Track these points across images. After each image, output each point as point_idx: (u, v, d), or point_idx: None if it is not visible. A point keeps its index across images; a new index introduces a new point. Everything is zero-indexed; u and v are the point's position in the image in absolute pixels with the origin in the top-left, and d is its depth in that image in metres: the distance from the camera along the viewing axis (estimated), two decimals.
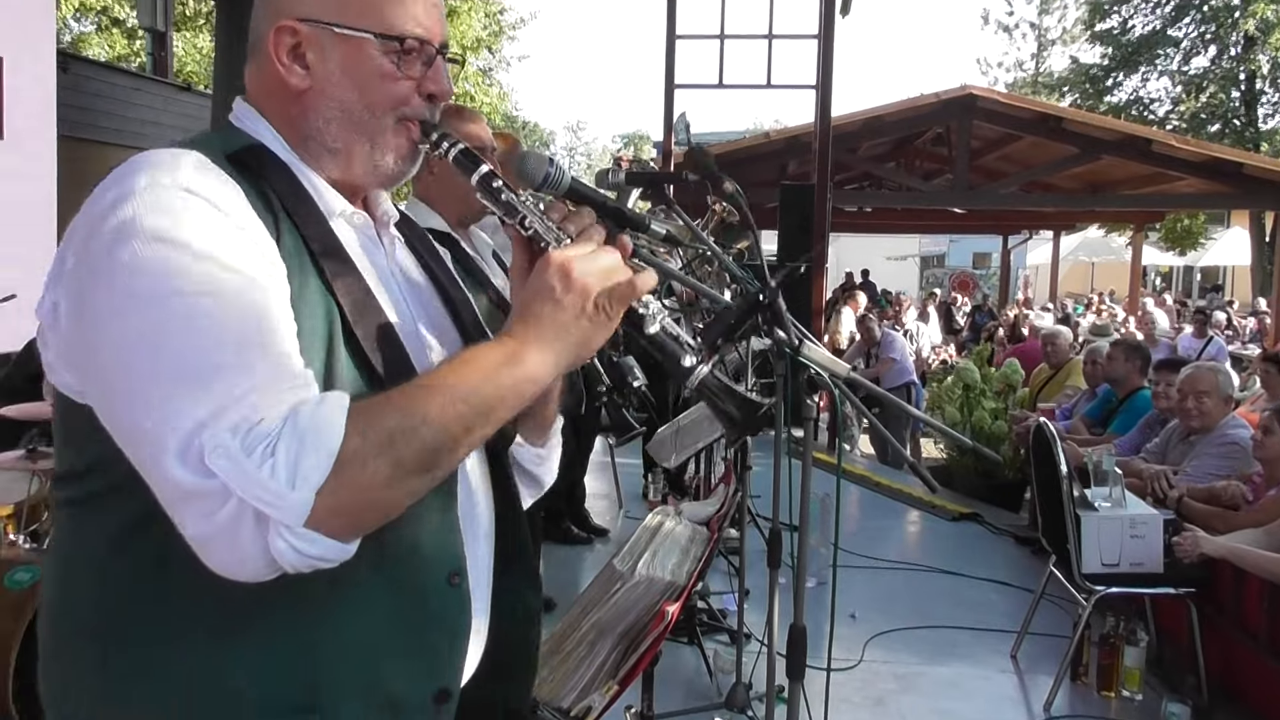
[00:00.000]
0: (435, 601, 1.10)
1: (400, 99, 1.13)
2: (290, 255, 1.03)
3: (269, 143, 1.13)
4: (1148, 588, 3.82)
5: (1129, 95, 26.22)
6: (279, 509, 0.88)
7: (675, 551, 1.97)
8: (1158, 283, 28.26)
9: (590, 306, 1.04)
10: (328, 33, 1.10)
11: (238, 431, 0.88)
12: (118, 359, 0.94)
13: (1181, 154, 11.67)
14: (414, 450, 0.93)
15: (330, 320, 1.04)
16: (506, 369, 1.00)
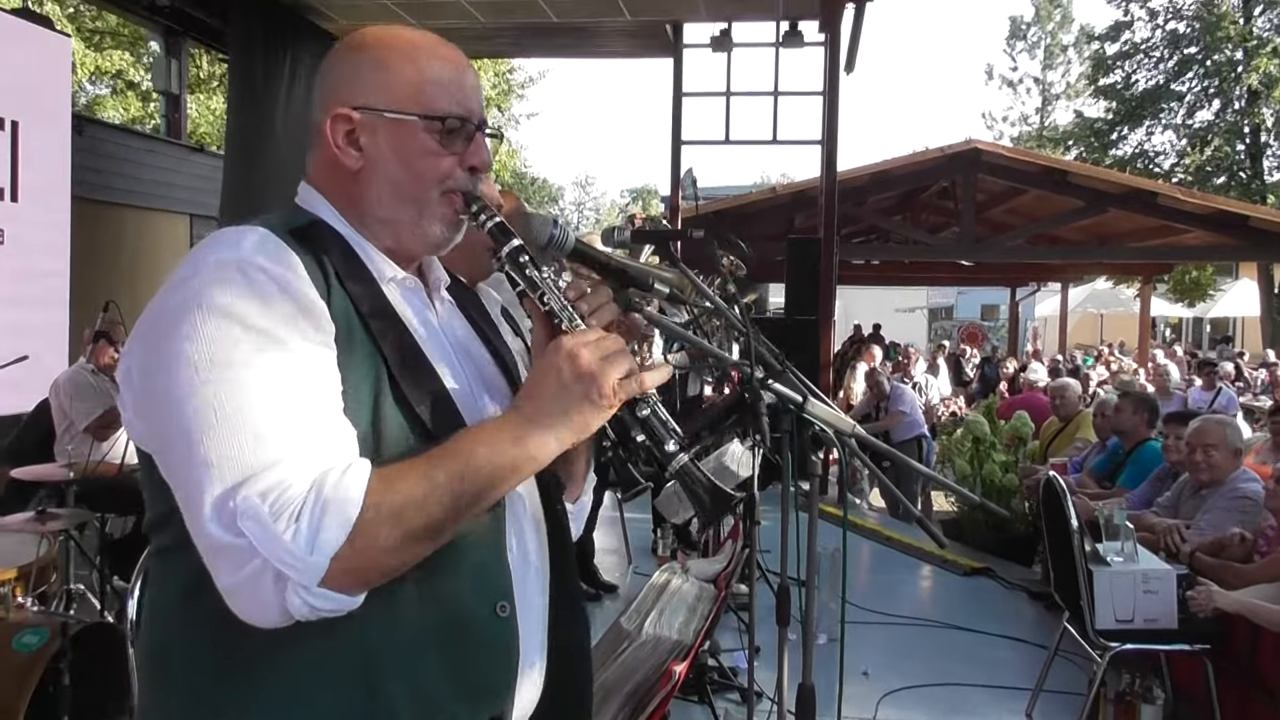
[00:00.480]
0: (483, 630, 1.17)
1: (445, 173, 1.24)
2: (340, 316, 1.12)
3: (328, 218, 1.24)
4: (1162, 644, 3.77)
5: (1134, 149, 26.44)
6: (297, 570, 0.98)
7: (682, 610, 1.96)
8: (1168, 334, 28.23)
9: (594, 394, 1.11)
10: (378, 117, 1.21)
11: (267, 497, 0.99)
12: (171, 421, 1.04)
13: (1187, 206, 11.75)
14: (420, 522, 1.04)
15: (377, 376, 1.14)
16: (510, 447, 1.09)
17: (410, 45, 1.25)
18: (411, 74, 1.22)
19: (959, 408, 12.33)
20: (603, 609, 5.45)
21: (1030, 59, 36.42)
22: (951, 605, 5.56)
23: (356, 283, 1.18)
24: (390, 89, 1.22)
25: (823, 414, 1.75)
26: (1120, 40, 26.41)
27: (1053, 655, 4.17)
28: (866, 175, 11.92)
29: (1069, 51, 35.53)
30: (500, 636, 1.19)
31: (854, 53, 9.00)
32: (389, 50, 1.24)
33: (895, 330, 23.34)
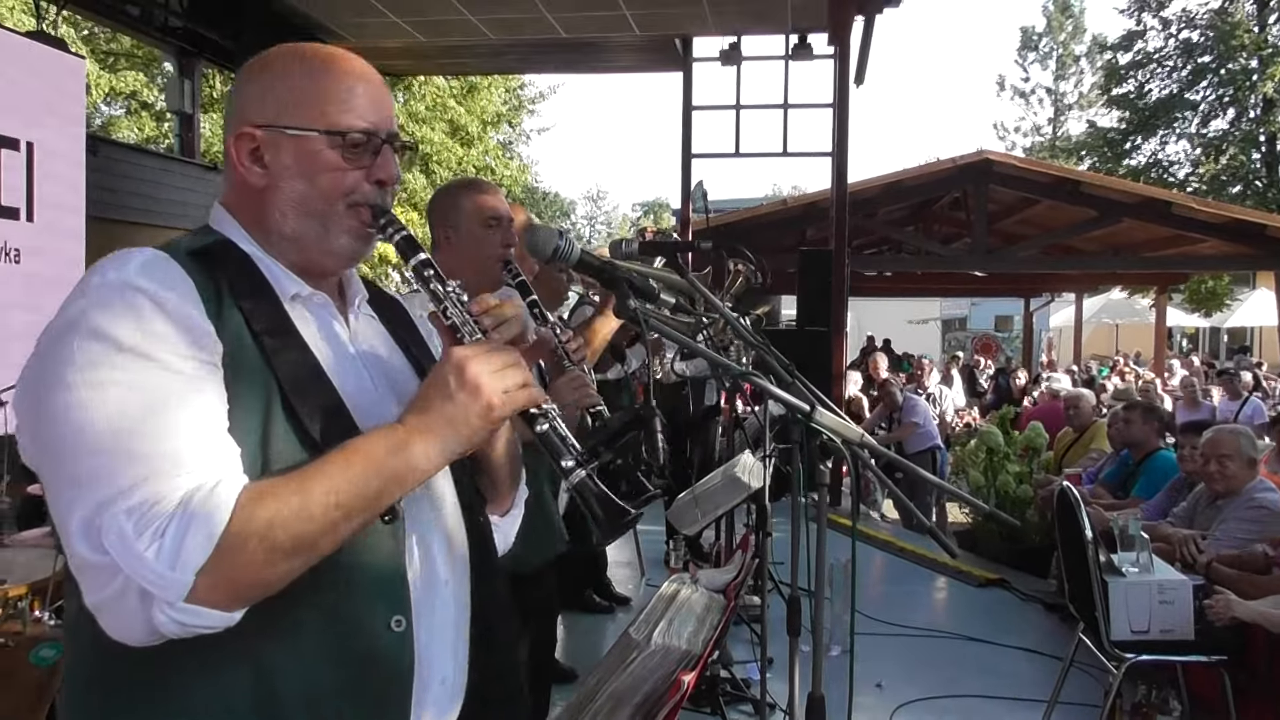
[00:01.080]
0: (378, 645, 1.16)
1: (349, 188, 1.25)
2: (230, 336, 1.14)
3: (235, 238, 1.26)
4: (1179, 655, 3.74)
5: (1148, 158, 26.36)
6: (159, 587, 0.99)
7: (691, 620, 1.95)
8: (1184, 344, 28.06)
9: (480, 406, 1.11)
10: (281, 134, 1.23)
11: (133, 514, 1.00)
12: (46, 439, 1.06)
13: (1202, 216, 11.69)
14: (290, 537, 1.03)
15: (268, 394, 1.14)
16: (391, 459, 1.09)
17: (313, 61, 1.26)
18: (313, 90, 1.23)
19: (973, 419, 12.29)
20: (615, 622, 5.45)
21: (1042, 69, 36.38)
22: (966, 616, 5.53)
23: (254, 301, 1.19)
24: (292, 106, 1.23)
25: (831, 423, 1.75)
26: (1133, 50, 26.39)
27: (1067, 666, 4.13)
28: (878, 187, 11.91)
29: (1081, 61, 35.45)
30: (395, 651, 1.18)
31: (864, 65, 9.02)
32: (291, 67, 1.25)
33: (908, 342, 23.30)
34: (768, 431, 3.55)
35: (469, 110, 16.47)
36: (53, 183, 6.67)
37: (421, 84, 15.75)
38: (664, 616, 1.93)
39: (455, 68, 12.56)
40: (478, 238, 2.52)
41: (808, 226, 12.64)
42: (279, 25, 8.34)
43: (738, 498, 3.83)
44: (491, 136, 17.81)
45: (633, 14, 8.08)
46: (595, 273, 1.66)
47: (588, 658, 4.84)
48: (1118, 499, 5.48)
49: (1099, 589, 3.68)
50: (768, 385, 1.77)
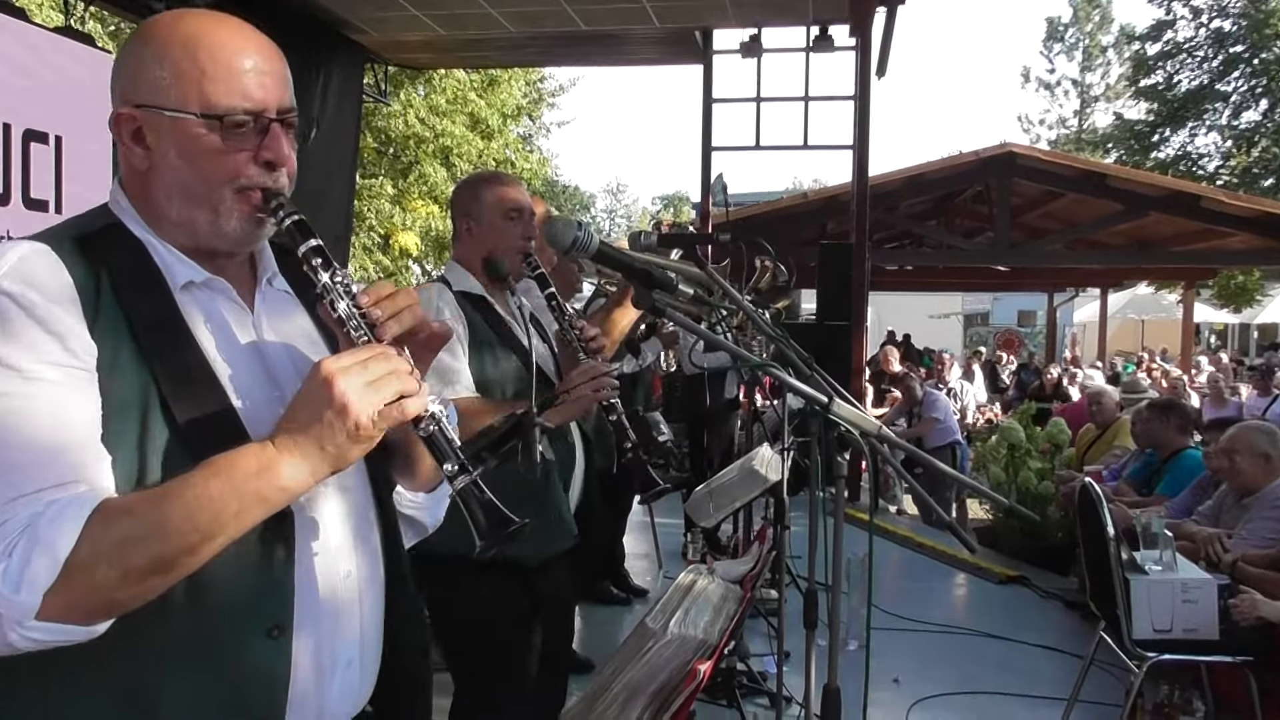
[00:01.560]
0: (254, 653, 1.14)
1: (233, 171, 1.19)
2: (107, 335, 1.10)
3: (127, 221, 1.21)
4: (1203, 655, 3.70)
5: (1176, 151, 26.03)
6: (5, 608, 0.98)
7: (707, 610, 1.95)
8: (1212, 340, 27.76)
9: (348, 426, 1.06)
10: (159, 115, 1.17)
11: None
12: None
13: (1231, 209, 11.54)
14: (146, 558, 1.01)
15: (145, 394, 1.10)
16: (254, 480, 1.05)
17: (194, 36, 1.18)
18: (190, 68, 1.16)
19: (995, 414, 12.21)
20: (633, 613, 5.45)
21: (1068, 61, 36.04)
22: (985, 613, 5.48)
23: (139, 294, 1.15)
24: (170, 85, 1.16)
25: (849, 415, 1.74)
26: (1162, 40, 26.03)
27: (1088, 665, 4.10)
28: (900, 180, 11.84)
29: (1108, 53, 35.10)
30: (270, 659, 1.16)
31: (885, 56, 8.94)
32: (170, 42, 1.18)
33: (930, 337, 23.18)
34: (786, 425, 3.54)
35: (489, 103, 16.47)
36: (81, 176, 6.74)
37: (442, 77, 15.75)
38: (680, 606, 1.93)
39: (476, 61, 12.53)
40: (499, 229, 2.52)
41: (828, 220, 12.59)
42: (301, 21, 8.36)
43: (755, 491, 3.82)
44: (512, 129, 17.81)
45: (653, 6, 8.05)
46: (614, 264, 1.66)
47: (605, 648, 4.83)
48: (1142, 497, 5.42)
49: (1121, 587, 3.64)
50: (786, 377, 1.76)
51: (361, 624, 1.27)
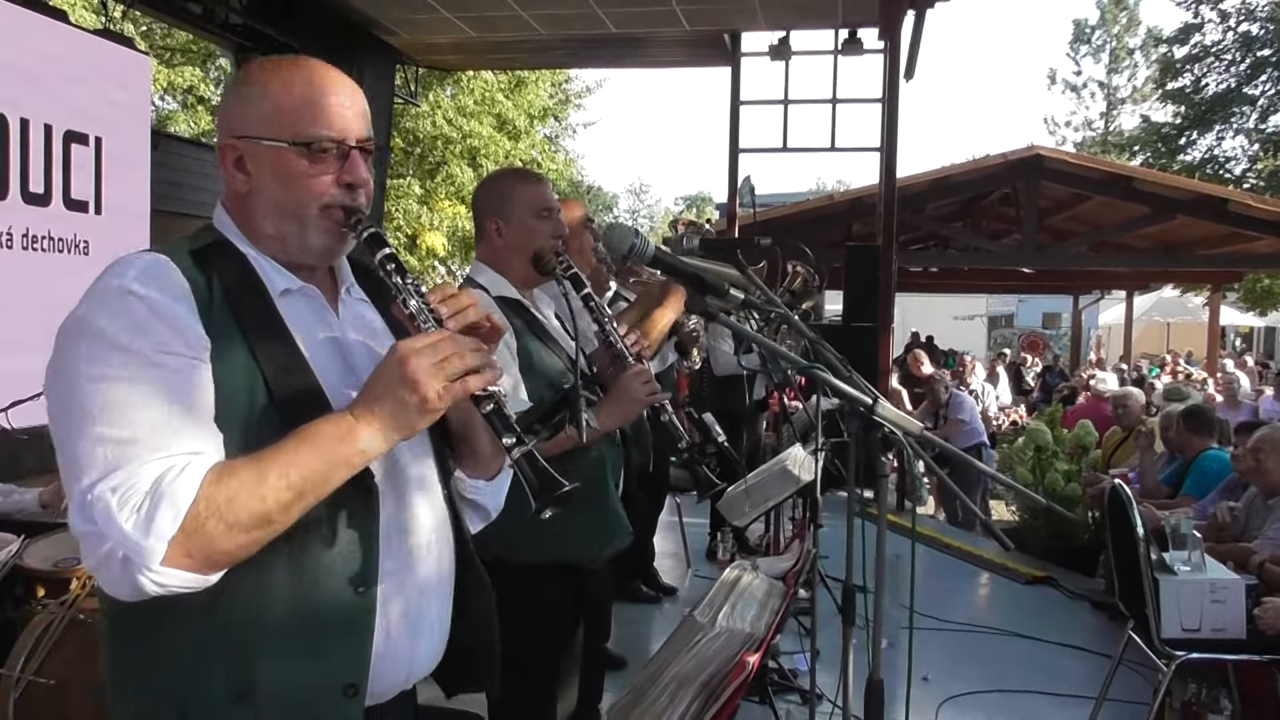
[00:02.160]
0: (342, 608, 1.32)
1: (320, 192, 1.38)
2: (218, 331, 1.29)
3: (231, 237, 1.41)
4: (1230, 654, 3.74)
5: (1203, 154, 25.83)
6: (136, 554, 1.16)
7: (753, 605, 2.02)
8: (1238, 344, 27.54)
9: (416, 400, 1.22)
10: (258, 145, 1.38)
11: (117, 491, 1.16)
12: (56, 423, 1.26)
13: (1259, 213, 11.49)
14: (245, 515, 1.19)
15: (253, 385, 1.30)
16: (338, 445, 1.23)
17: (286, 76, 1.39)
18: (286, 103, 1.37)
19: (1020, 416, 12.20)
20: (663, 611, 5.52)
21: (1095, 63, 35.78)
22: (1012, 613, 5.52)
23: (245, 299, 1.34)
24: (267, 119, 1.37)
25: (893, 416, 1.81)
26: (1189, 43, 25.83)
27: (1116, 663, 4.14)
28: (926, 182, 11.86)
29: (1135, 55, 34.83)
30: (356, 614, 1.33)
31: (914, 59, 8.99)
32: (267, 82, 1.39)
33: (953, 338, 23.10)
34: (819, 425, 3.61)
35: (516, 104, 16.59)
36: (120, 177, 6.87)
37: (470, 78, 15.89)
38: (727, 601, 2.00)
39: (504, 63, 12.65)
40: (530, 229, 2.46)
41: (854, 221, 12.62)
42: (336, 22, 8.49)
43: (789, 490, 3.89)
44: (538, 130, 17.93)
45: (682, 9, 8.12)
46: (669, 269, 1.73)
47: (636, 646, 4.92)
48: (1169, 499, 5.45)
49: (1150, 586, 3.68)
50: (832, 379, 1.83)
51: (439, 589, 1.47)
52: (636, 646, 4.94)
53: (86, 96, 6.63)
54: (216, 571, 1.21)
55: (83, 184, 6.57)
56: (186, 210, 8.90)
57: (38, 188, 6.18)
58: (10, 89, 5.95)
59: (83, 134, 6.57)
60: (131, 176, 7.09)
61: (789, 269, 4.51)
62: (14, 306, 5.92)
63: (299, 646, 1.29)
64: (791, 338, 4.32)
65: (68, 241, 6.41)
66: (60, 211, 6.36)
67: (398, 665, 1.40)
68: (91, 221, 6.64)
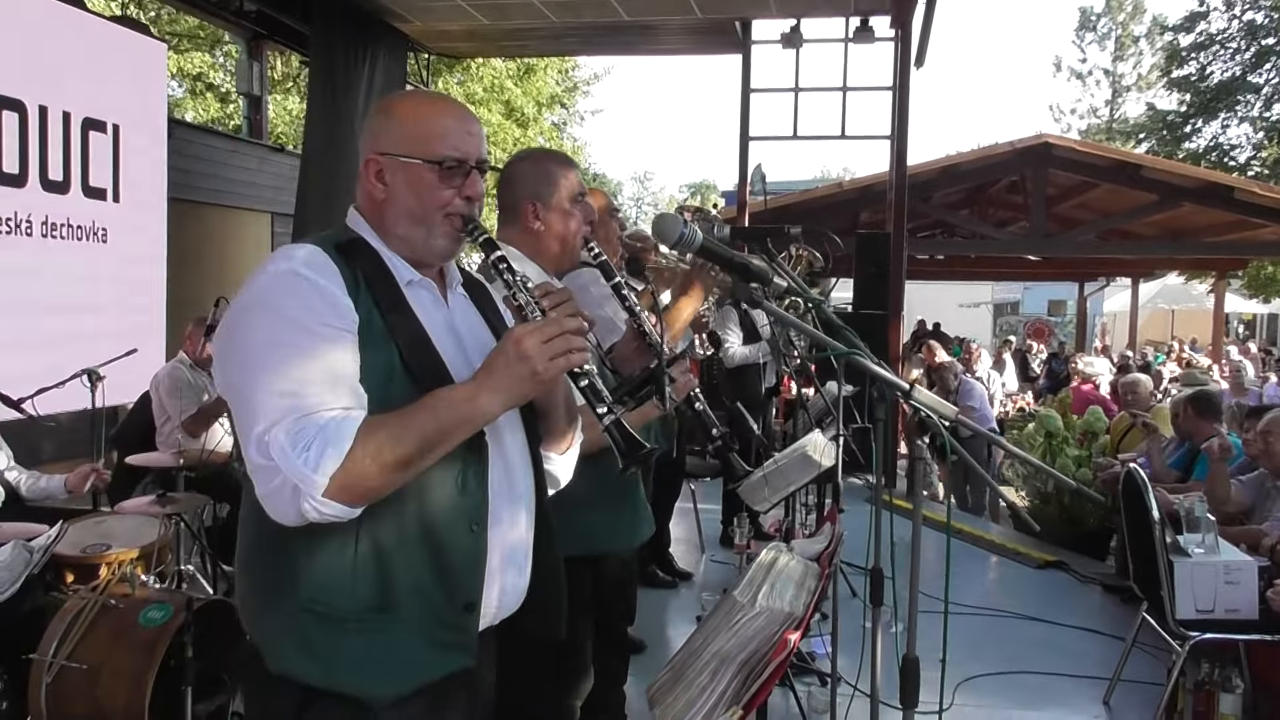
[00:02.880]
0: (460, 541, 1.59)
1: (444, 202, 1.65)
2: (363, 312, 1.55)
3: (365, 235, 1.67)
4: (1243, 634, 3.80)
5: (1208, 142, 25.80)
6: (306, 484, 1.40)
7: (791, 585, 2.07)
8: (1241, 330, 27.56)
9: (528, 370, 1.48)
10: (396, 161, 1.64)
11: (290, 433, 1.41)
12: (234, 377, 1.51)
13: (1265, 201, 11.52)
14: (395, 456, 1.44)
15: (390, 356, 1.56)
16: (465, 405, 1.49)
17: (422, 106, 1.69)
18: (420, 129, 1.64)
19: (1026, 403, 12.25)
20: (679, 596, 5.59)
21: (1100, 50, 35.74)
22: (1025, 597, 5.59)
23: (381, 286, 1.60)
24: (404, 140, 1.64)
25: (929, 401, 1.86)
26: (1195, 31, 25.78)
27: (1131, 644, 4.21)
28: (934, 170, 11.88)
29: (1140, 43, 34.78)
30: (473, 547, 1.60)
31: (924, 47, 8.99)
32: (405, 111, 1.68)
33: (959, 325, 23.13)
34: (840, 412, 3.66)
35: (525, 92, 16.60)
36: (137, 164, 6.91)
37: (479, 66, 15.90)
38: (766, 581, 2.05)
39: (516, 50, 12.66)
40: (566, 213, 2.46)
41: (862, 209, 12.64)
42: (349, 8, 8.51)
43: (809, 475, 3.94)
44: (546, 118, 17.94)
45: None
46: (715, 257, 1.79)
47: (654, 630, 5.00)
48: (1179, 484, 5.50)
49: (1165, 569, 3.75)
50: (870, 364, 1.89)
51: (526, 536, 1.72)
52: (655, 630, 5.01)
53: (104, 84, 6.66)
54: (364, 504, 1.45)
55: (100, 172, 6.61)
56: (198, 197, 8.94)
57: (56, 175, 6.22)
58: (29, 76, 5.99)
59: (101, 121, 6.61)
60: (149, 164, 7.12)
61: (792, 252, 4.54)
62: (35, 294, 5.97)
63: (428, 570, 1.55)
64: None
65: (86, 229, 6.46)
66: (79, 199, 6.41)
67: (493, 591, 1.65)
68: (111, 209, 6.69)
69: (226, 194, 9.46)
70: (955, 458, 7.44)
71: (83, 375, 4.67)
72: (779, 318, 1.80)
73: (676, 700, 2.03)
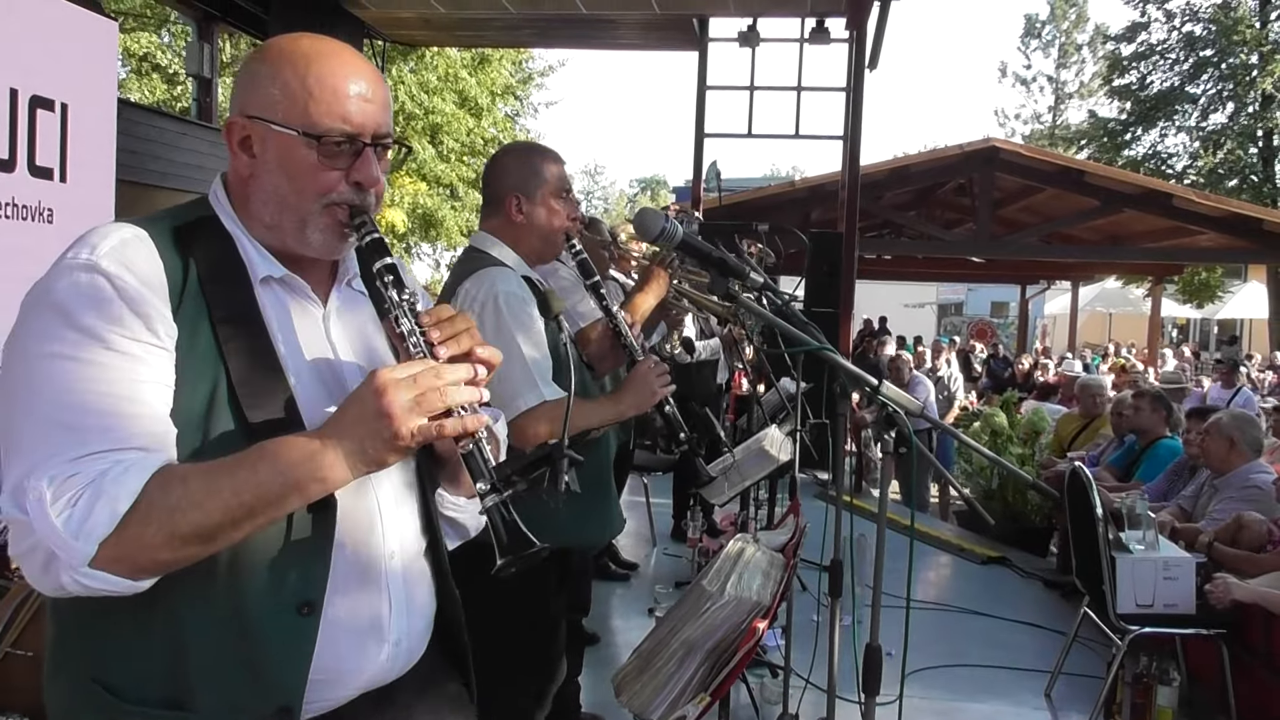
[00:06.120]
0: (283, 627, 1.23)
1: (325, 188, 1.29)
2: (187, 321, 1.21)
3: (222, 215, 1.32)
4: (1180, 628, 3.94)
5: (1147, 150, 26.49)
6: (65, 552, 1.08)
7: (758, 574, 2.12)
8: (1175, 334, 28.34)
9: (389, 434, 1.15)
10: (267, 128, 1.27)
11: (53, 481, 1.08)
12: (1, 399, 1.17)
13: (1202, 209, 11.89)
14: (191, 526, 1.11)
15: (215, 380, 1.21)
16: (298, 468, 1.14)
17: (305, 58, 1.28)
18: (298, 89, 1.26)
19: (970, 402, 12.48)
20: (630, 588, 5.63)
21: (1044, 57, 36.53)
22: (969, 592, 5.72)
23: (222, 285, 1.25)
24: (279, 102, 1.27)
25: (896, 396, 1.92)
26: (1136, 41, 26.43)
27: (1072, 638, 4.34)
28: (884, 170, 12.07)
29: (1083, 50, 35.59)
30: (297, 634, 1.24)
31: (878, 50, 9.10)
32: (284, 63, 1.28)
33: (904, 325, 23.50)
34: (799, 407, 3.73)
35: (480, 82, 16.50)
36: (85, 144, 6.73)
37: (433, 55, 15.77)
38: (734, 571, 2.09)
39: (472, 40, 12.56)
40: (552, 208, 2.45)
41: (813, 208, 12.79)
42: None
43: (766, 470, 4.00)
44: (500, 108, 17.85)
45: None
46: (695, 253, 1.82)
47: (606, 621, 5.04)
48: (1121, 483, 5.67)
49: (1107, 564, 3.87)
50: (840, 360, 1.93)
51: (407, 602, 1.37)
52: (607, 622, 5.05)
53: (53, 61, 6.46)
54: (148, 579, 1.14)
55: (48, 151, 6.43)
56: (146, 180, 8.74)
57: (2, 153, 6.06)
58: None
59: (48, 99, 6.44)
60: (97, 144, 6.94)
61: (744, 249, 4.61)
62: None
63: (234, 662, 1.21)
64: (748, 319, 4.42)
65: (32, 209, 6.28)
66: (25, 178, 6.24)
67: (352, 677, 1.32)
68: (58, 189, 6.52)
69: (175, 177, 9.25)
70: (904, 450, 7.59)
71: None
72: (756, 313, 1.83)
73: (644, 688, 2.06)
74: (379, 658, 1.34)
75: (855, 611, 4.64)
